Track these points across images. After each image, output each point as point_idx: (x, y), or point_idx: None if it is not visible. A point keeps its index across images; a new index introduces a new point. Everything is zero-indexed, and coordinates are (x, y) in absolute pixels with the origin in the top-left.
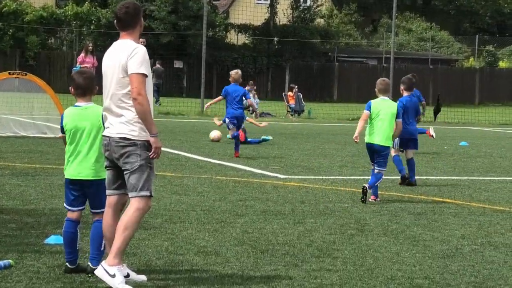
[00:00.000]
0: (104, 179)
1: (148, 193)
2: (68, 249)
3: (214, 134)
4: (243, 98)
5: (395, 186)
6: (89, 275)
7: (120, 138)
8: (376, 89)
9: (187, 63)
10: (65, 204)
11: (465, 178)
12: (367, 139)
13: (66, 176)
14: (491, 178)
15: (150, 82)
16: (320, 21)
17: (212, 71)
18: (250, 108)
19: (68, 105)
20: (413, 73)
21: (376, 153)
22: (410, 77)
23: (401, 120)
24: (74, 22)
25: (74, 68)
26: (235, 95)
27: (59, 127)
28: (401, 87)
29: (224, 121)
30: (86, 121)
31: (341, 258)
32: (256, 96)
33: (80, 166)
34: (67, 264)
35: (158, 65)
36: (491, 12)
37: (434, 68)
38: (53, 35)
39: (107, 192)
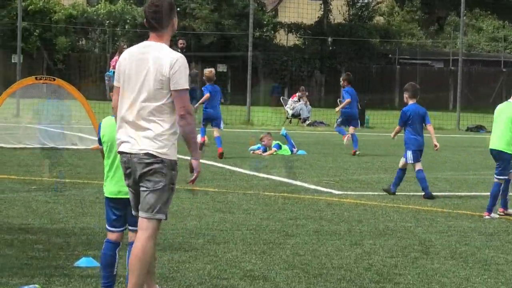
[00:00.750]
0: None
1: (164, 217)
2: (105, 273)
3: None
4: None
5: (464, 204)
6: None
7: (145, 154)
8: None
9: (231, 66)
10: (106, 225)
11: None
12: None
13: (106, 195)
14: None
15: None
16: (379, 19)
17: (259, 75)
18: (302, 117)
19: (101, 113)
20: (484, 76)
21: (494, 159)
22: (414, 84)
23: None
24: (107, 21)
25: (108, 73)
26: (218, 95)
27: (90, 137)
28: (404, 95)
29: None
30: None
31: (403, 283)
32: (307, 103)
33: (120, 183)
34: None
35: (192, 69)
36: None
37: (508, 71)
38: (84, 36)
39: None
